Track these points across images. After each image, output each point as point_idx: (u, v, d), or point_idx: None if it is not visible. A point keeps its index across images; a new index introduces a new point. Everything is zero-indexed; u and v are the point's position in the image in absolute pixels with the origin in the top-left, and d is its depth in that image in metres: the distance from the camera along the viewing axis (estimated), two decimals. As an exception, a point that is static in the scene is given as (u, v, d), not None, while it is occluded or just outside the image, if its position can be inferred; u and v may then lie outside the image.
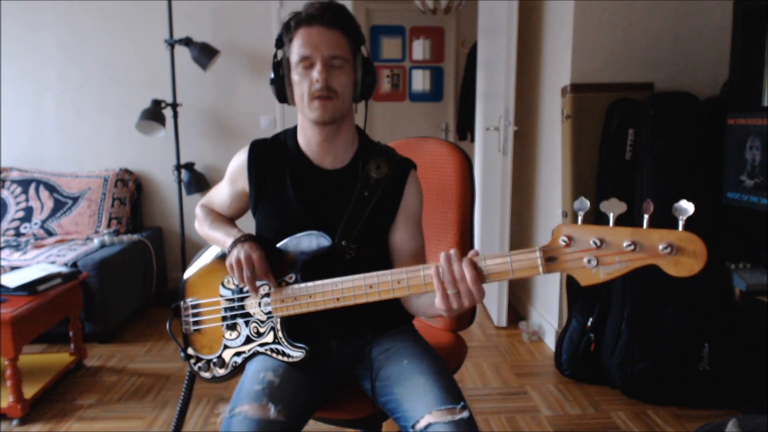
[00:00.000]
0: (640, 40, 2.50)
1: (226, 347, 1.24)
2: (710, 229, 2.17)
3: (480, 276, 0.96)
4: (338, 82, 1.15)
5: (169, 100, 3.34)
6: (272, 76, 1.21)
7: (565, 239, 0.88)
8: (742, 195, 2.01)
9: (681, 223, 0.82)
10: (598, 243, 0.86)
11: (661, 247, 0.82)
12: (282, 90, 1.20)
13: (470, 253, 0.98)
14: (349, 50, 1.17)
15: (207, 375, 1.28)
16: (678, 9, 2.49)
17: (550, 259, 0.90)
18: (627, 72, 2.51)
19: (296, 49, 1.15)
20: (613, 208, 0.85)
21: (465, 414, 1.05)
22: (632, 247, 0.83)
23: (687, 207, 0.81)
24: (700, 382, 2.15)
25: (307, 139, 1.25)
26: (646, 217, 0.84)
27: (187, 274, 1.35)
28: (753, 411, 2.05)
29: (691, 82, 2.49)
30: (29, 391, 2.16)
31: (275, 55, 1.22)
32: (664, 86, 2.50)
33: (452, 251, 0.97)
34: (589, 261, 0.87)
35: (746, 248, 2.20)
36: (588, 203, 0.88)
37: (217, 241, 1.29)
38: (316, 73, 1.13)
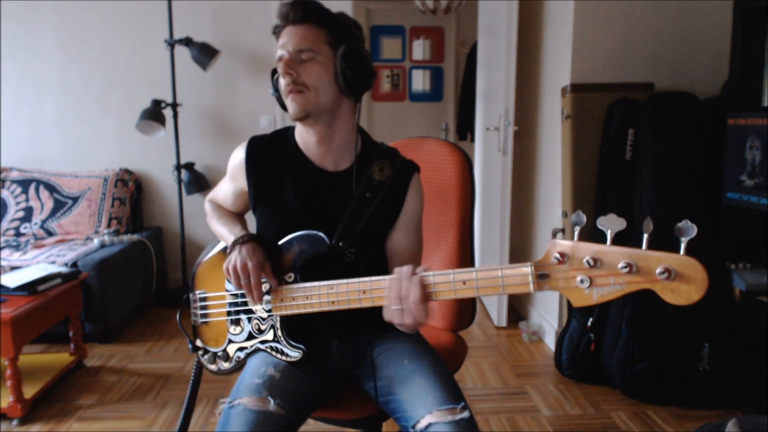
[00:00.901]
0: (640, 40, 2.50)
1: (230, 341, 1.25)
2: (710, 228, 2.17)
3: (426, 295, 0.96)
4: (307, 74, 1.14)
5: (169, 100, 3.34)
6: (273, 87, 1.23)
7: (558, 256, 0.84)
8: (742, 195, 2.01)
9: (683, 246, 0.76)
10: (592, 262, 0.81)
11: (658, 271, 0.77)
12: (279, 98, 1.23)
13: (419, 269, 0.98)
14: (322, 41, 1.15)
15: (213, 367, 1.29)
16: (678, 9, 2.49)
17: (542, 276, 0.86)
18: (627, 72, 2.51)
19: (277, 53, 1.18)
20: (611, 224, 0.80)
21: (465, 414, 1.05)
22: (628, 269, 0.79)
23: (690, 228, 0.75)
24: (700, 382, 2.15)
25: (305, 141, 1.25)
26: (645, 236, 0.78)
27: (197, 266, 1.36)
28: (753, 411, 2.05)
29: (691, 82, 2.49)
30: (29, 391, 2.15)
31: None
32: (664, 86, 2.50)
33: (405, 268, 0.99)
34: (582, 281, 0.82)
35: (746, 248, 2.20)
36: (584, 218, 0.83)
37: (222, 238, 1.30)
38: (280, 69, 1.16)
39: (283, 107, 1.22)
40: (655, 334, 2.18)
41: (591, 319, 2.35)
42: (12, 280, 2.21)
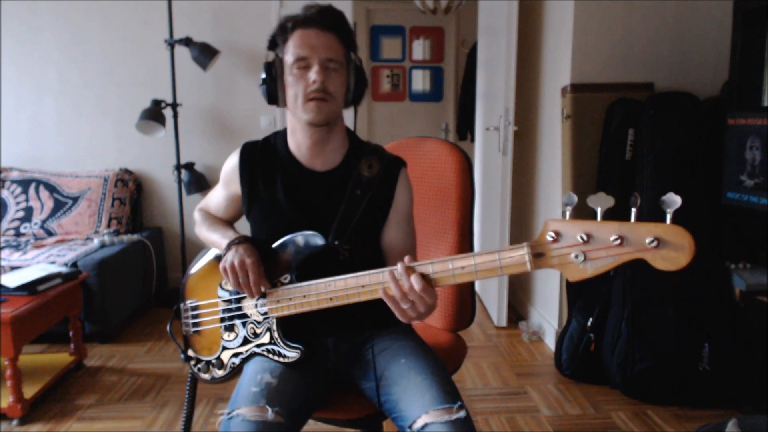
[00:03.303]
0: (640, 40, 2.50)
1: (224, 348, 1.24)
2: (710, 229, 2.17)
3: (427, 282, 1.00)
4: (333, 84, 1.16)
5: (169, 100, 3.34)
6: (263, 76, 1.20)
7: (553, 235, 0.88)
8: (742, 195, 2.01)
9: (669, 216, 0.81)
10: (585, 238, 0.85)
11: (647, 240, 0.81)
12: (273, 91, 1.19)
13: (405, 260, 1.01)
14: (343, 55, 1.19)
15: (206, 376, 1.28)
16: (678, 9, 2.49)
17: (538, 255, 0.90)
18: (627, 72, 2.51)
19: (292, 50, 1.16)
20: (601, 202, 0.85)
21: (462, 414, 1.05)
22: (619, 241, 0.83)
23: (674, 199, 0.80)
24: (700, 382, 2.15)
25: (297, 143, 1.25)
26: (633, 210, 0.83)
27: (187, 276, 1.35)
28: (753, 411, 2.05)
29: (691, 82, 2.49)
30: (29, 391, 2.16)
31: (267, 57, 1.23)
32: (664, 86, 2.50)
33: (398, 266, 1.01)
34: (576, 256, 0.86)
35: (746, 248, 2.20)
36: (575, 198, 0.88)
37: (214, 244, 1.29)
38: (313, 74, 1.14)
39: (272, 98, 1.20)
40: (655, 334, 2.18)
41: (591, 319, 2.35)
42: (12, 280, 2.21)
